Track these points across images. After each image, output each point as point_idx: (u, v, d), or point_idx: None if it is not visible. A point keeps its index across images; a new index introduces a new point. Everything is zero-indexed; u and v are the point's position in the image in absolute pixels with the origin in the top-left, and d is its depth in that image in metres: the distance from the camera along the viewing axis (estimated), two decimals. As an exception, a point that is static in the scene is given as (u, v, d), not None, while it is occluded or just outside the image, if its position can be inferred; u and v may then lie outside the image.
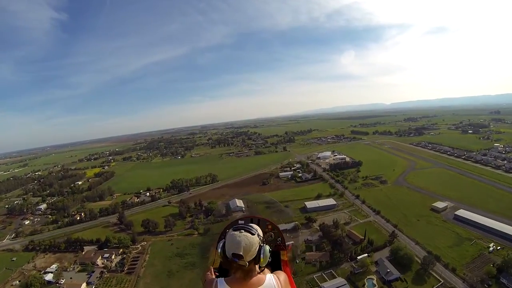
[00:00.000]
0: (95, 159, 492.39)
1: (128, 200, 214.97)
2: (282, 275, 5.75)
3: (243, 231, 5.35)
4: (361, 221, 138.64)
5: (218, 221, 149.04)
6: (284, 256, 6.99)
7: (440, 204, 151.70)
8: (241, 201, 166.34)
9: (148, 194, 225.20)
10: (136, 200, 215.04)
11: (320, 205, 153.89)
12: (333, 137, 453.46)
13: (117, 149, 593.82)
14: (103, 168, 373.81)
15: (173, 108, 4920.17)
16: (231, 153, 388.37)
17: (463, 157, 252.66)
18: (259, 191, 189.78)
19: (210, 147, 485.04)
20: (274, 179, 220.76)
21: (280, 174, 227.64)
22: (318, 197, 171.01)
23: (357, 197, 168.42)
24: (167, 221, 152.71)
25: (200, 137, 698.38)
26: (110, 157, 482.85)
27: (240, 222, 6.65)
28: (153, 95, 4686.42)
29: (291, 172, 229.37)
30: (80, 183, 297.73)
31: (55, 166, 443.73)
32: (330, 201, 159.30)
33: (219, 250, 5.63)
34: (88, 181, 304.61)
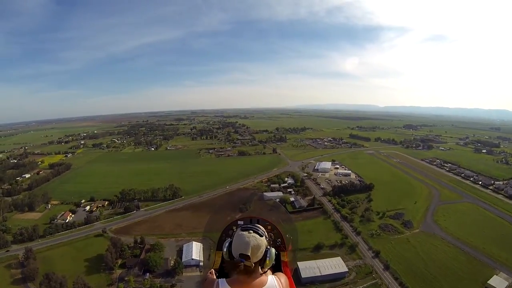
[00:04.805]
0: (66, 142, 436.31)
1: (59, 216, 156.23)
2: (283, 277, 5.64)
3: (251, 231, 5.29)
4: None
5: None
6: (284, 257, 6.67)
7: (497, 283, 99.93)
8: (200, 246, 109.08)
9: (88, 208, 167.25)
10: (70, 216, 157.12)
11: (323, 273, 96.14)
12: (330, 140, 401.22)
13: (95, 131, 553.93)
14: (66, 156, 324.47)
15: (165, 91, 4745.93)
16: (212, 149, 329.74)
17: (490, 187, 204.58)
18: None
19: (191, 139, 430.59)
20: (256, 201, 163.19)
21: (266, 194, 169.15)
22: (318, 248, 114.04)
23: (377, 254, 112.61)
24: (77, 283, 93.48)
25: (185, 124, 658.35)
26: (82, 142, 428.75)
27: (239, 222, 6.59)
28: (145, 75, 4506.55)
29: (280, 193, 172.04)
30: (27, 176, 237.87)
31: (21, 148, 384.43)
32: (338, 264, 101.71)
33: (225, 250, 5.59)
34: (37, 174, 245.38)
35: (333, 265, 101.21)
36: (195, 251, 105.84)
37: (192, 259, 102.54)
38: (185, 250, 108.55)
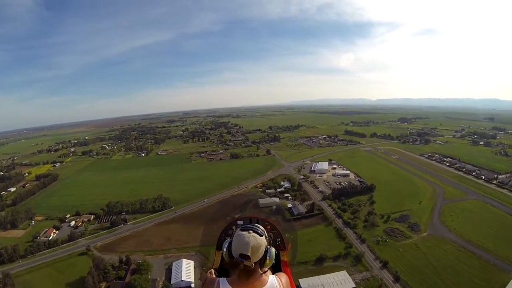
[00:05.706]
0: (56, 150, 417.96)
1: (42, 234, 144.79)
2: (283, 276, 5.71)
3: (251, 231, 5.30)
4: None
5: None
6: (284, 257, 6.75)
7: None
8: (191, 264, 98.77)
9: (73, 223, 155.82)
10: (53, 233, 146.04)
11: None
12: (325, 137, 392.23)
13: (86, 138, 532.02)
14: (54, 166, 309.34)
15: (158, 93, 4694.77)
16: (203, 153, 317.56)
17: (494, 182, 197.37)
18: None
19: (182, 142, 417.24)
20: (251, 209, 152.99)
21: (261, 201, 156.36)
22: (321, 261, 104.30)
23: (385, 264, 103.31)
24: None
25: (177, 126, 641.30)
26: (72, 149, 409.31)
27: (239, 222, 6.70)
28: (138, 78, 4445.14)
29: (277, 199, 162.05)
30: (12, 190, 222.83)
31: (9, 158, 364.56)
32: (344, 279, 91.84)
33: (225, 250, 5.63)
34: (23, 187, 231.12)
35: (339, 280, 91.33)
36: (185, 270, 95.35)
37: (182, 280, 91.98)
38: (174, 269, 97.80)
